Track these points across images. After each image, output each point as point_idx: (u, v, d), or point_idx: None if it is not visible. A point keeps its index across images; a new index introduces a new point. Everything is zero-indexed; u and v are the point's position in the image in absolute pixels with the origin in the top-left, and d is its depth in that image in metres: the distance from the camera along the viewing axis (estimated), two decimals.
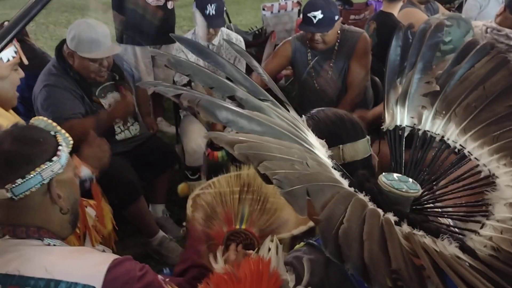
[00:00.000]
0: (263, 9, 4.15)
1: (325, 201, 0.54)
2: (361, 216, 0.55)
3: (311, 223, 1.53)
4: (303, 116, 0.89)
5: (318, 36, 2.27)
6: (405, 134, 0.91)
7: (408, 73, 0.97)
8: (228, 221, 1.30)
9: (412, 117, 0.93)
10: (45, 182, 0.93)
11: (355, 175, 0.73)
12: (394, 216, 0.59)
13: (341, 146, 0.85)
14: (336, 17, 2.28)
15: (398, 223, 0.58)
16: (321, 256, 0.81)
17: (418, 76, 0.95)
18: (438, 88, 0.93)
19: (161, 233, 2.28)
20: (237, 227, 1.30)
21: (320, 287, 0.79)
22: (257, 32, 4.25)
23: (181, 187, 2.65)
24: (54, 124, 1.03)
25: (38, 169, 0.92)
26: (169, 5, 3.03)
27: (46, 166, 0.93)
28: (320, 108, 0.93)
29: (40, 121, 1.03)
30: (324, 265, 0.80)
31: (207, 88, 0.70)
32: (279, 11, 4.15)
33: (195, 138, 2.52)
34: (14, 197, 0.90)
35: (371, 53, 2.45)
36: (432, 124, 0.92)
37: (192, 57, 2.48)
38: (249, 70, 0.90)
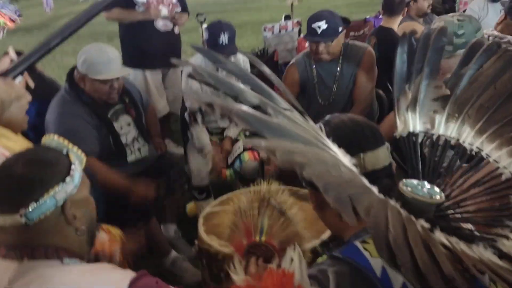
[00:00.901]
0: (264, 30, 4.23)
1: (367, 207, 0.54)
2: (402, 223, 0.54)
3: (323, 236, 1.53)
4: (318, 124, 0.89)
5: (322, 47, 2.29)
6: (419, 140, 0.91)
7: (416, 79, 0.97)
8: (248, 233, 1.30)
9: (425, 123, 0.93)
10: (59, 204, 0.91)
11: (379, 184, 0.71)
12: (425, 223, 0.59)
13: (361, 154, 0.83)
14: (340, 29, 2.31)
15: (430, 230, 0.58)
16: (345, 268, 0.80)
17: (426, 81, 0.95)
18: (448, 92, 0.93)
19: (174, 253, 2.28)
20: (257, 239, 1.30)
21: None
22: (259, 53, 4.32)
23: (190, 206, 2.67)
24: (66, 142, 1.00)
25: (51, 192, 0.89)
26: (176, 30, 3.11)
27: (60, 187, 0.90)
28: (334, 114, 0.92)
29: (52, 140, 1.00)
30: (350, 277, 0.79)
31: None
32: (280, 31, 4.22)
33: (201, 158, 2.55)
34: (28, 222, 0.87)
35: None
36: (446, 127, 0.91)
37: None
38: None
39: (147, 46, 2.99)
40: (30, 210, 0.87)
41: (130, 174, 2.18)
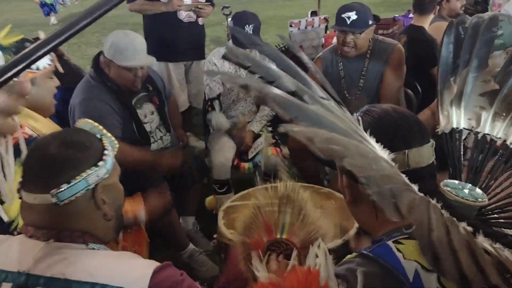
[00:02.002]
0: (290, 26, 4.17)
1: (409, 204, 0.51)
2: (445, 223, 0.51)
3: (346, 237, 1.49)
4: (354, 114, 0.84)
5: (350, 39, 2.25)
6: (463, 137, 0.86)
7: (462, 71, 0.92)
8: (268, 230, 1.28)
9: (470, 119, 0.88)
10: (90, 187, 0.91)
11: (420, 184, 0.67)
12: (468, 226, 0.55)
13: (406, 151, 0.77)
14: (370, 22, 2.26)
15: (473, 234, 0.55)
16: (375, 268, 0.75)
17: (473, 74, 0.89)
18: (496, 86, 0.87)
19: (191, 246, 2.27)
20: (278, 236, 1.27)
21: None
22: (283, 48, 4.27)
23: (209, 200, 2.65)
24: (100, 127, 1.01)
25: (84, 174, 0.89)
26: (200, 21, 3.08)
27: (92, 171, 0.90)
28: (375, 104, 0.87)
29: (86, 123, 1.01)
30: (380, 279, 0.74)
31: None
32: (306, 27, 4.17)
33: (223, 151, 2.53)
34: (59, 202, 0.88)
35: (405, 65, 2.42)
36: (492, 126, 0.86)
37: (225, 69, 2.51)
38: None
39: (170, 38, 2.97)
40: (62, 190, 0.88)
41: None
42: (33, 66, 1.50)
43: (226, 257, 1.59)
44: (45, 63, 1.55)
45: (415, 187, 0.58)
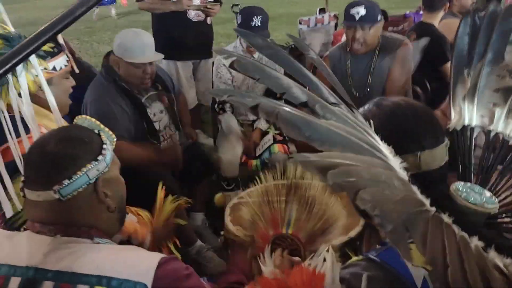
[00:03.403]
0: (300, 23, 4.15)
1: (422, 235, 0.50)
2: (457, 249, 0.50)
3: (351, 233, 1.50)
4: (364, 107, 0.81)
5: (359, 34, 2.24)
6: (475, 135, 0.82)
7: (477, 64, 0.86)
8: (274, 224, 1.29)
9: (483, 116, 0.83)
10: (91, 181, 0.93)
11: (432, 189, 0.65)
12: (479, 240, 0.54)
13: (419, 153, 0.73)
14: (379, 17, 2.26)
15: (484, 249, 0.54)
16: (381, 274, 0.72)
17: (488, 68, 0.84)
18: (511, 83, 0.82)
19: (199, 242, 2.29)
20: (283, 231, 1.27)
21: None
22: (293, 46, 4.26)
23: (218, 197, 2.66)
24: (98, 122, 1.03)
25: (84, 169, 0.91)
26: (208, 20, 3.10)
27: (92, 165, 0.92)
28: (388, 99, 0.81)
29: (84, 119, 1.03)
30: (387, 285, 0.71)
31: None
32: (315, 24, 4.14)
33: (231, 149, 2.54)
34: (62, 198, 0.90)
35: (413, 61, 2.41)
36: (506, 124, 0.81)
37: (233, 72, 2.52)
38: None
39: (179, 36, 2.99)
40: (64, 186, 0.90)
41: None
42: (50, 66, 1.55)
43: (232, 253, 1.60)
44: (62, 63, 1.59)
45: (427, 203, 0.56)
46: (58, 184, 0.90)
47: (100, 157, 0.95)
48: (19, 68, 1.28)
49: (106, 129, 1.02)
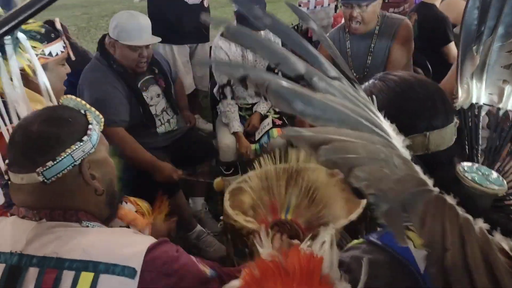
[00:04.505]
0: (299, 5, 4.09)
1: (421, 216, 0.47)
2: (459, 232, 0.48)
3: (352, 216, 1.48)
4: (369, 82, 0.77)
5: (357, 13, 2.19)
6: (483, 114, 0.78)
7: (487, 39, 0.82)
8: (274, 209, 1.27)
9: (491, 94, 0.80)
10: (76, 163, 0.89)
11: (439, 171, 0.63)
12: (484, 222, 0.52)
13: (428, 133, 0.69)
14: None
15: (490, 232, 0.52)
16: (383, 257, 0.69)
17: (498, 43, 0.80)
18: None
19: (198, 227, 2.29)
20: (282, 217, 1.26)
21: None
22: (296, 26, 4.21)
23: (217, 182, 2.66)
24: (84, 102, 0.98)
25: (68, 150, 0.88)
26: (205, 3, 3.05)
27: (77, 146, 0.89)
28: (394, 73, 0.77)
29: (70, 100, 0.99)
30: (387, 269, 0.68)
31: None
32: (315, 7, 4.08)
33: (230, 134, 2.53)
34: (46, 180, 0.87)
35: (413, 41, 2.36)
36: None
37: (232, 52, 2.48)
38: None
39: (175, 20, 2.94)
40: (47, 168, 0.87)
41: (159, 147, 2.19)
42: (46, 52, 1.52)
43: (232, 238, 1.59)
44: (58, 49, 1.56)
45: (430, 183, 0.54)
46: (41, 166, 0.86)
47: (85, 138, 0.91)
48: (9, 50, 1.24)
49: (93, 109, 0.99)
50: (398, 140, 0.60)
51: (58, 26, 1.73)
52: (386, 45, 2.28)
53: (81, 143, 0.90)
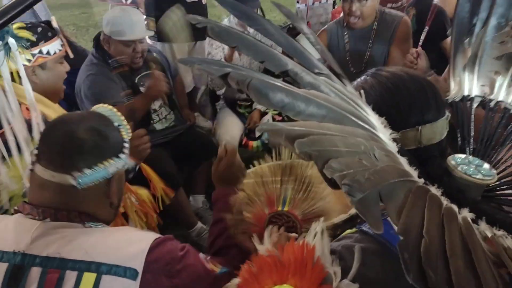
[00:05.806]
0: (297, 2, 4.09)
1: (400, 205, 0.47)
2: (440, 221, 0.48)
3: (352, 211, 1.49)
4: (360, 78, 0.77)
5: (356, 7, 2.19)
6: (475, 106, 0.78)
7: (479, 31, 0.82)
8: (270, 203, 1.28)
9: (483, 85, 0.79)
10: (108, 177, 0.92)
11: (430, 164, 0.63)
12: (470, 212, 0.52)
13: (420, 127, 0.69)
14: None
15: (475, 221, 0.51)
16: (374, 246, 0.70)
17: (490, 34, 0.80)
18: None
19: (199, 225, 2.30)
20: (279, 209, 1.27)
21: (376, 280, 0.67)
22: (291, 25, 4.20)
23: None
24: (119, 113, 1.02)
25: (106, 164, 0.91)
26: (203, 0, 3.05)
27: (114, 161, 0.92)
28: (386, 68, 0.77)
29: (105, 109, 1.01)
30: (378, 258, 0.69)
31: None
32: (313, 3, 4.08)
33: (230, 130, 2.54)
34: (79, 185, 0.88)
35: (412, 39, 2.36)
36: (508, 93, 0.78)
37: (227, 50, 2.48)
38: None
39: None
40: (84, 175, 0.88)
41: (159, 143, 2.19)
42: (44, 51, 1.52)
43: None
44: (56, 48, 1.56)
45: (415, 174, 0.54)
46: (78, 171, 0.88)
47: (121, 155, 0.94)
48: (0, 56, 1.24)
49: (125, 122, 1.01)
50: (385, 133, 0.60)
51: (55, 24, 1.73)
52: (385, 42, 2.28)
53: (118, 160, 0.93)
